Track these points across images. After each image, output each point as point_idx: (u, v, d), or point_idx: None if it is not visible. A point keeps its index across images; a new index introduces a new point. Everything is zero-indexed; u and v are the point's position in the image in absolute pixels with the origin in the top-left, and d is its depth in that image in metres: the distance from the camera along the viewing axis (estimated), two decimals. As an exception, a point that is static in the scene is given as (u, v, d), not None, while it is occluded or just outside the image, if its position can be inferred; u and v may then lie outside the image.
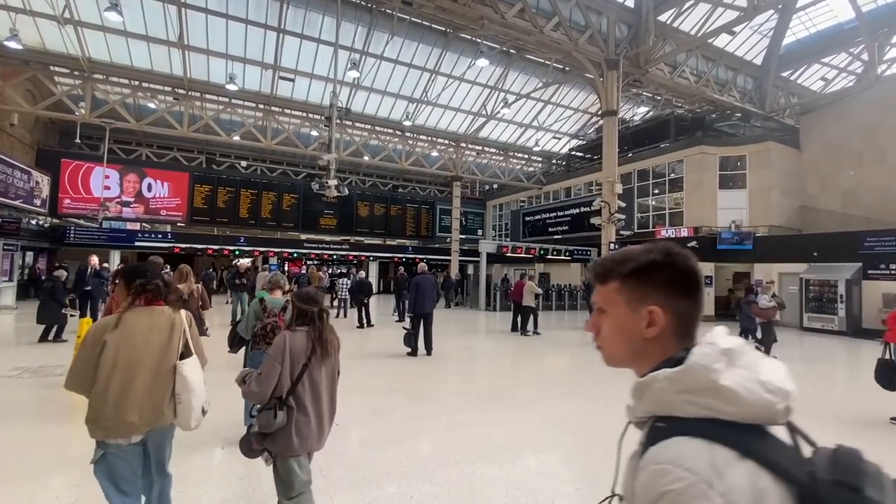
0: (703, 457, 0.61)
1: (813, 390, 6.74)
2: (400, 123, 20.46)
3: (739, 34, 16.12)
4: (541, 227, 24.71)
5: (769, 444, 0.64)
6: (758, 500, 0.58)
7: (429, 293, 8.07)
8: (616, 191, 13.10)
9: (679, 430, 0.65)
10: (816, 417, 5.23)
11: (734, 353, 0.68)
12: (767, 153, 16.86)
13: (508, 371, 7.48)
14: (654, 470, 0.63)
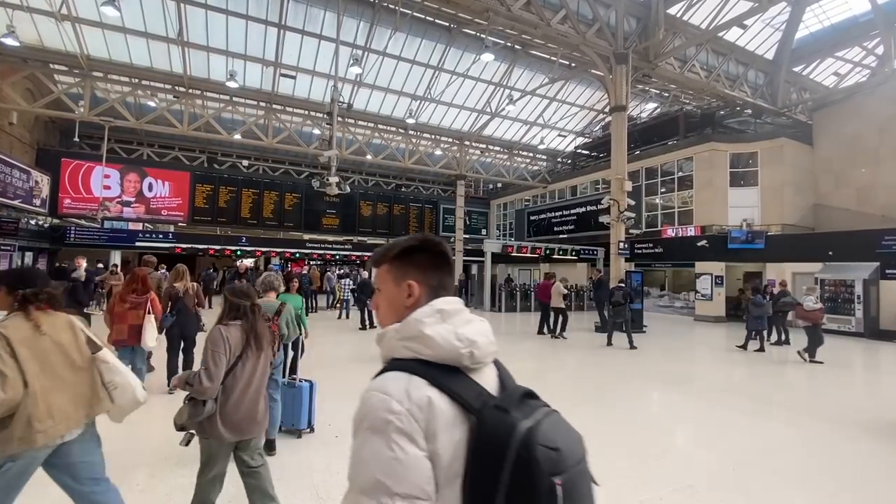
0: (400, 383, 0.81)
1: (833, 394, 6.39)
2: (403, 121, 20.15)
3: (751, 27, 15.74)
4: (546, 226, 24.37)
5: (457, 380, 0.83)
6: (431, 413, 0.77)
7: None
8: (625, 188, 12.74)
9: (393, 367, 0.86)
10: (838, 422, 4.89)
11: (446, 313, 0.90)
12: (780, 150, 16.44)
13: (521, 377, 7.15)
14: (364, 393, 0.84)
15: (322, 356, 8.13)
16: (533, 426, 0.76)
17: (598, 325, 12.40)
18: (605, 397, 5.88)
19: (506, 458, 0.73)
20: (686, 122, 18.91)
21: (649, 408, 5.59)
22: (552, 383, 6.59)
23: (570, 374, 7.44)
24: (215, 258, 23.05)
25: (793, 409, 5.50)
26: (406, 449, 0.74)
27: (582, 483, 0.80)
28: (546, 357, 9.01)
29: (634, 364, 8.32)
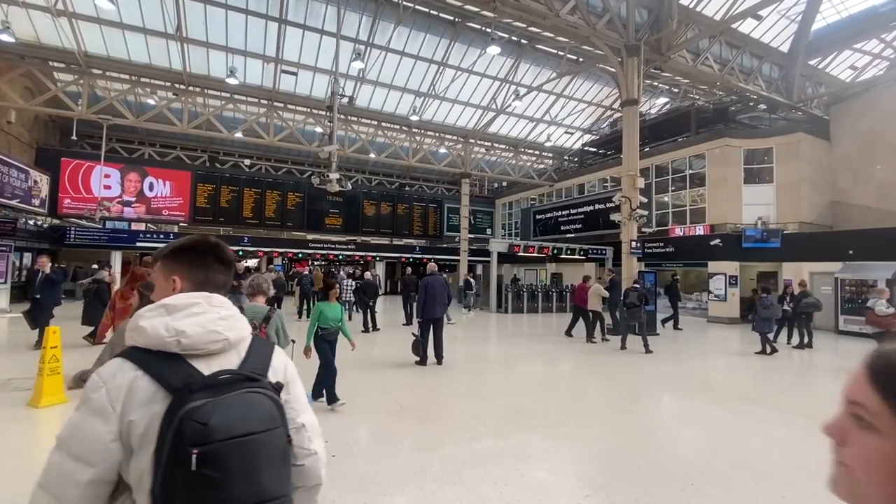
0: (112, 367, 0.95)
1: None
2: (407, 119, 19.76)
3: (766, 18, 15.21)
4: (552, 225, 23.89)
5: (166, 364, 0.95)
6: (130, 393, 0.91)
7: (439, 296, 7.35)
8: (637, 185, 12.27)
9: (121, 353, 0.98)
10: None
11: (173, 307, 1.01)
12: (796, 145, 15.90)
13: (531, 384, 6.73)
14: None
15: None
16: (200, 405, 0.89)
17: (609, 327, 11.93)
18: (623, 408, 5.45)
19: (170, 429, 0.87)
20: (698, 117, 18.39)
21: (676, 421, 5.15)
22: (566, 393, 6.17)
23: (584, 382, 7.00)
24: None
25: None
26: (90, 422, 0.91)
27: (237, 454, 0.90)
28: (558, 361, 8.58)
29: (651, 370, 7.87)
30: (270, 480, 0.95)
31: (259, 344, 1.15)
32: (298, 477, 1.10)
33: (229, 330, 1.05)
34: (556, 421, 4.73)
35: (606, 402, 5.59)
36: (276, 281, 12.80)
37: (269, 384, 1.04)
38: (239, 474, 0.90)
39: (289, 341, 3.52)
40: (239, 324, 1.10)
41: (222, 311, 1.07)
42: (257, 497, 0.93)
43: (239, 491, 0.90)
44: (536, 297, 17.79)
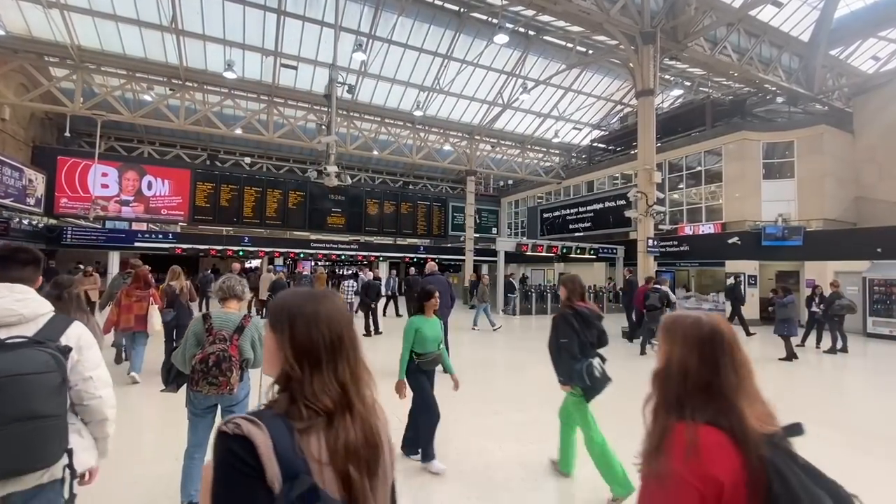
0: None
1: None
2: (410, 114, 19.18)
3: (787, 5, 14.50)
4: (560, 224, 23.22)
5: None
6: None
7: (442, 298, 6.73)
8: (654, 180, 11.60)
9: None
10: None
11: None
12: (819, 138, 15.14)
13: (543, 394, 6.12)
14: None
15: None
16: None
17: (625, 330, 11.28)
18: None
19: None
20: (713, 110, 17.65)
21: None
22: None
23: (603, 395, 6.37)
24: (218, 258, 22.31)
25: (876, 435, 4.41)
26: None
27: (9, 386, 1.36)
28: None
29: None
30: (39, 404, 1.41)
31: (57, 320, 1.62)
32: (88, 413, 1.65)
33: (24, 308, 1.53)
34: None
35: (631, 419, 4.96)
36: (275, 282, 12.27)
37: (53, 346, 1.50)
38: (9, 398, 1.36)
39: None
40: (34, 304, 1.57)
41: (19, 295, 1.54)
42: (28, 414, 1.39)
43: (10, 410, 1.36)
44: (545, 299, 17.14)
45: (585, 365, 3.27)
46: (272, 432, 0.77)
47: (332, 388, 0.85)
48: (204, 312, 2.74)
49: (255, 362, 2.80)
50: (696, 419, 0.99)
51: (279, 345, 0.87)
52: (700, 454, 0.94)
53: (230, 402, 2.69)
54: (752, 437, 0.96)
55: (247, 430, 0.76)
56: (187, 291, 6.42)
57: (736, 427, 0.97)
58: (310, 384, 0.84)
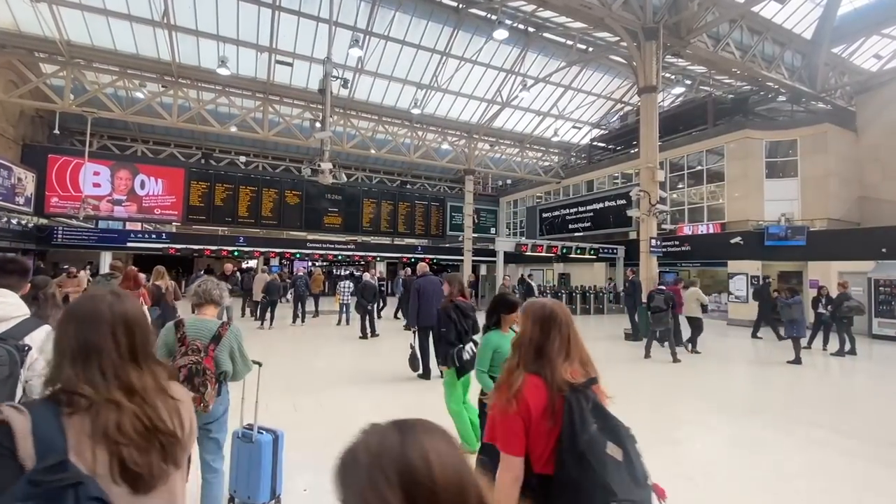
0: None
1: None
2: (408, 112, 18.89)
3: (790, 2, 14.28)
4: (560, 224, 23.00)
5: None
6: None
7: (435, 300, 6.44)
8: (657, 178, 11.36)
9: None
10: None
11: None
12: (823, 136, 14.94)
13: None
14: None
15: (311, 376, 6.88)
16: None
17: (628, 332, 11.04)
18: (664, 432, 4.58)
19: None
20: (715, 109, 17.43)
21: (732, 454, 4.26)
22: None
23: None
24: (213, 259, 21.98)
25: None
26: None
27: None
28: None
29: (685, 383, 6.99)
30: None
31: (29, 322, 1.78)
32: (33, 392, 1.67)
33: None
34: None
35: (645, 430, 4.70)
36: (270, 283, 11.97)
37: (12, 343, 1.64)
38: None
39: (250, 366, 2.64)
40: (9, 307, 1.77)
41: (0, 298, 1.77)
42: None
43: None
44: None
45: (456, 350, 3.88)
46: (34, 416, 0.89)
47: (97, 378, 0.97)
48: (177, 319, 2.46)
49: (235, 375, 2.53)
50: (528, 370, 1.46)
51: None
52: (522, 392, 1.40)
53: (205, 420, 2.41)
54: (558, 382, 1.41)
55: (6, 415, 0.87)
56: (172, 291, 6.41)
57: (548, 376, 1.43)
58: (75, 375, 0.96)
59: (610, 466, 1.27)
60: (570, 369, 1.45)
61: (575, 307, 17.52)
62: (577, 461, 1.27)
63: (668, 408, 5.65)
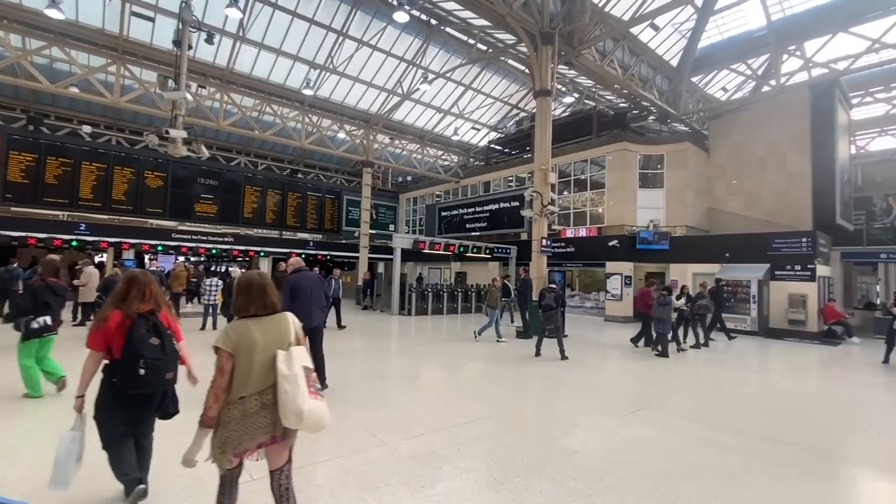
0: None
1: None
2: (299, 93, 17.24)
3: (662, 30, 15.89)
4: (458, 223, 23.09)
5: None
6: None
7: (315, 298, 5.52)
8: (549, 180, 11.67)
9: None
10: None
11: None
12: (684, 153, 16.95)
13: (439, 413, 5.30)
14: None
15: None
16: None
17: (519, 330, 11.12)
18: (555, 440, 4.30)
19: None
20: (599, 121, 18.85)
21: (621, 460, 4.09)
22: (483, 426, 4.85)
23: (502, 396, 5.80)
24: (42, 249, 17.69)
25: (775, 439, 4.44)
26: None
27: None
28: (467, 377, 7.31)
29: (570, 381, 7.00)
30: None
31: None
32: None
33: None
34: (481, 480, 3.33)
35: (540, 435, 4.38)
36: (107, 279, 9.66)
37: None
38: None
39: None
40: None
41: None
42: None
43: None
44: (441, 298, 16.63)
45: (25, 320, 4.67)
46: None
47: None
48: None
49: None
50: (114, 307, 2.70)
51: None
52: (108, 317, 2.62)
53: None
54: (132, 312, 2.64)
55: None
56: None
57: (126, 310, 2.65)
58: None
59: (147, 346, 2.59)
60: (142, 306, 2.70)
61: (470, 305, 17.56)
62: (131, 345, 2.55)
63: (553, 409, 5.47)
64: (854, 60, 14.61)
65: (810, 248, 13.11)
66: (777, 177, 15.69)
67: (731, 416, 5.25)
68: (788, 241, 13.56)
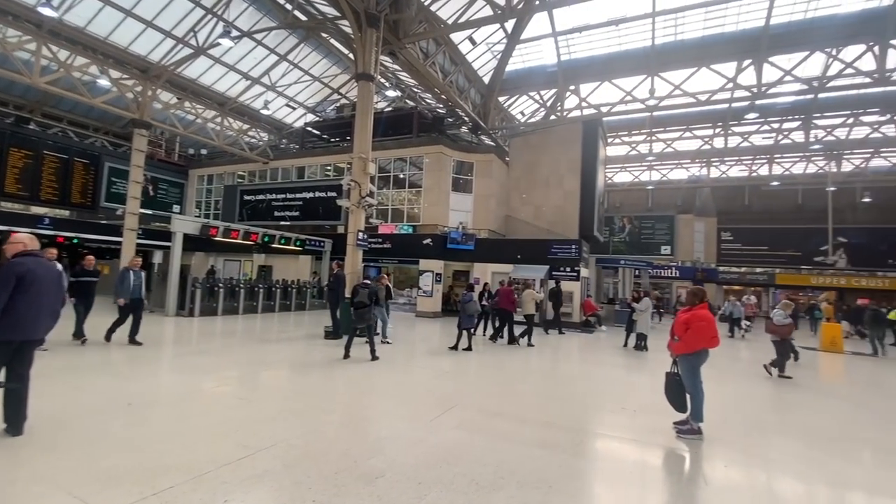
0: None
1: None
2: (33, 9, 12.42)
3: (479, 46, 17.07)
4: (264, 209, 20.55)
5: None
6: None
7: (46, 299, 3.68)
8: (368, 170, 11.02)
9: None
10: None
11: None
12: (490, 164, 18.63)
13: (219, 405, 4.00)
14: None
15: None
16: None
17: (328, 330, 10.13)
18: (360, 464, 3.64)
19: None
20: (419, 121, 19.22)
21: (433, 476, 3.67)
22: (288, 447, 3.84)
23: (299, 414, 4.83)
24: None
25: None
26: None
27: None
28: (265, 387, 6.05)
29: (378, 385, 6.48)
30: None
31: None
32: None
33: None
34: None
35: (340, 459, 3.61)
36: None
37: None
38: None
39: None
40: None
41: None
42: None
43: None
44: (237, 295, 14.24)
45: None
46: None
47: None
48: None
49: None
50: None
51: None
52: None
53: None
54: None
55: None
56: None
57: None
58: None
59: None
60: None
61: (273, 303, 15.60)
62: None
63: (359, 422, 4.82)
64: (612, 107, 18.43)
65: (577, 253, 15.87)
66: (557, 193, 18.61)
67: (528, 407, 5.50)
68: (563, 247, 16.16)
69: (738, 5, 14.82)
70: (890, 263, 26.49)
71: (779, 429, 5.33)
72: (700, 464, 4.07)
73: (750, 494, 3.52)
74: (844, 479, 3.99)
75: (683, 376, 4.84)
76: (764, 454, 4.40)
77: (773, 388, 7.58)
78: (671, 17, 15.72)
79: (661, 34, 16.32)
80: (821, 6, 14.40)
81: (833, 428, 5.47)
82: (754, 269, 29.40)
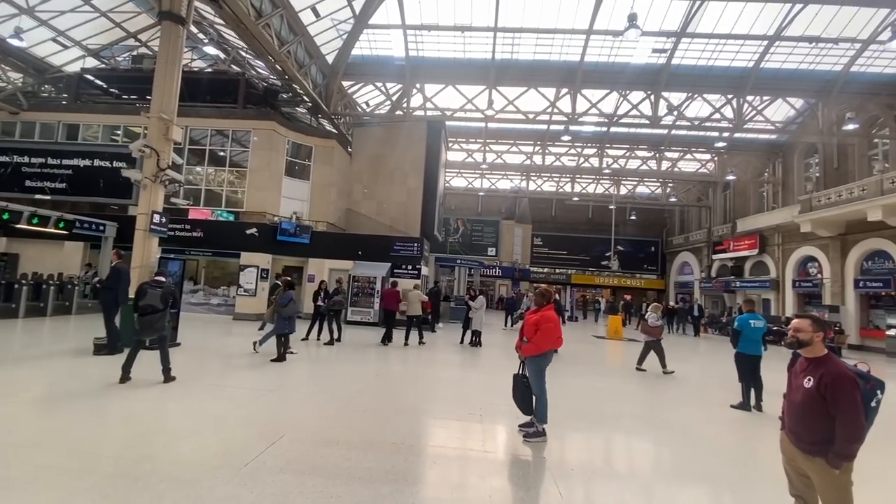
0: None
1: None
2: None
3: (323, 20, 15.52)
4: (9, 177, 15.01)
5: None
6: None
7: None
8: (172, 135, 8.62)
9: None
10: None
11: None
12: (331, 151, 17.17)
13: None
14: None
15: None
16: None
17: (99, 342, 7.51)
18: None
19: None
20: (247, 91, 16.50)
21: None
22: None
23: (22, 483, 3.07)
24: None
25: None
26: None
27: None
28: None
29: (182, 413, 4.88)
30: None
31: None
32: None
33: None
34: None
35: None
36: None
37: None
38: None
39: None
40: None
41: None
42: None
43: None
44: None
45: None
46: None
47: None
48: None
49: None
50: None
51: None
52: None
53: None
54: None
55: None
56: None
57: None
58: None
59: None
60: None
61: (17, 307, 11.29)
62: None
63: (137, 477, 3.34)
64: (454, 112, 18.99)
65: (419, 251, 15.78)
66: (401, 189, 18.28)
67: (372, 426, 4.73)
68: (406, 244, 15.88)
69: (563, 38, 16.83)
70: (645, 268, 34.97)
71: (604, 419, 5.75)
72: (546, 472, 3.93)
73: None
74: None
75: (531, 378, 4.75)
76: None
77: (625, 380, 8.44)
78: (510, 36, 16.94)
79: (501, 50, 17.48)
80: (620, 53, 17.38)
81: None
82: (556, 270, 35.26)
